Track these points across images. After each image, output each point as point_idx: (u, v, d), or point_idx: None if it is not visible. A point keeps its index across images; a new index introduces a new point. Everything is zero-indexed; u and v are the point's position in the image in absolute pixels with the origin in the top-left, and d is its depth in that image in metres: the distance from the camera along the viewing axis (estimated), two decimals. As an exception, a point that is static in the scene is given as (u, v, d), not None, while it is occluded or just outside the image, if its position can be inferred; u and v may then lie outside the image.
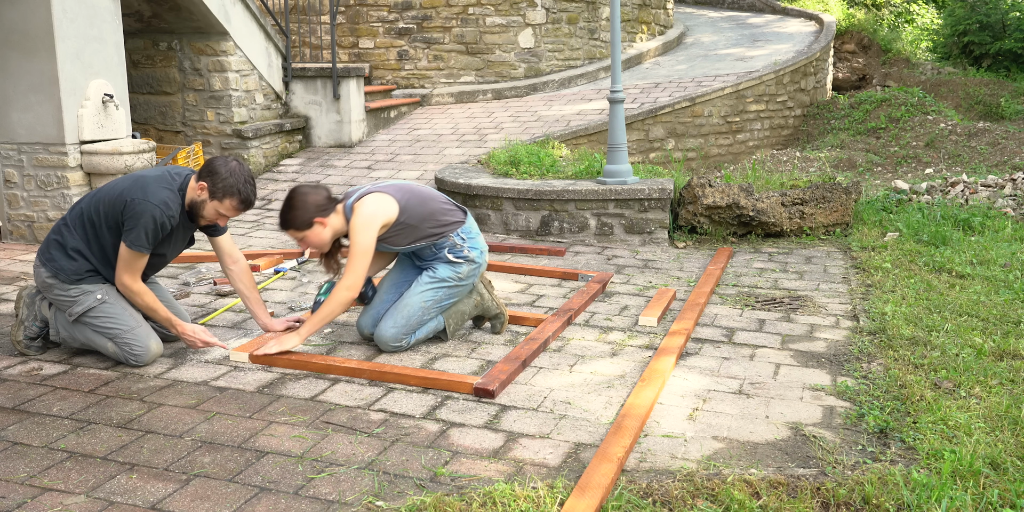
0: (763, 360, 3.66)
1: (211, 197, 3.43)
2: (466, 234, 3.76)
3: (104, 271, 3.53)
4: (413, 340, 3.70)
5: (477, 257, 3.77)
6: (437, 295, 3.71)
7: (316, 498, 2.49)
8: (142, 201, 3.34)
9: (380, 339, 3.67)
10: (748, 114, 10.13)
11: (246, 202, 3.45)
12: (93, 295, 3.48)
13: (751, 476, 2.58)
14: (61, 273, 3.46)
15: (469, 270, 3.76)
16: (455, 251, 3.72)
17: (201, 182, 3.43)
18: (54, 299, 3.52)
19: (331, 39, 8.81)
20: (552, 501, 2.42)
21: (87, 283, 3.49)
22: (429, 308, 3.69)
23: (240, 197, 3.42)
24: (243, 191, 3.42)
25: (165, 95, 7.95)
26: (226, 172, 3.40)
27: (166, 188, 3.41)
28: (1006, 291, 4.52)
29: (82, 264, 3.48)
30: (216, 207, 3.45)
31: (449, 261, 3.72)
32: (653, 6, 12.32)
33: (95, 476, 2.61)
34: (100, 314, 3.47)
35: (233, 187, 3.40)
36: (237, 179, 3.40)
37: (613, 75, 6.21)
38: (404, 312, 3.65)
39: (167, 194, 3.40)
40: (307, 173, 7.91)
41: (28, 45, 5.55)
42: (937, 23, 17.30)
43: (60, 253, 3.48)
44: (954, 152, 9.97)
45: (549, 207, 6.06)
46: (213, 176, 3.40)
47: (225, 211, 3.46)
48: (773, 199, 5.96)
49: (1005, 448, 2.73)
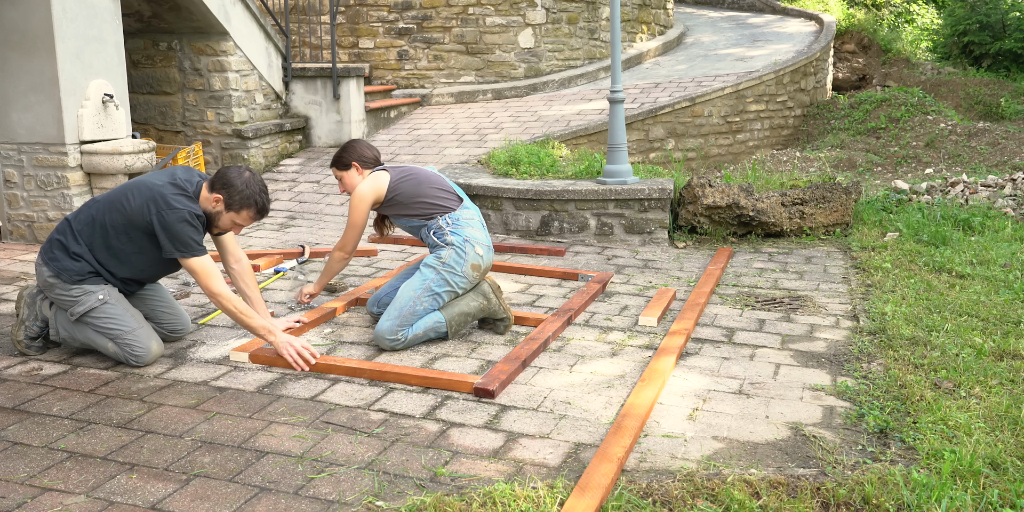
0: (763, 360, 3.66)
1: (227, 209, 3.48)
2: (452, 220, 3.92)
3: (106, 274, 3.53)
4: (410, 335, 3.71)
5: (459, 242, 3.83)
6: (425, 281, 3.78)
7: (316, 498, 2.49)
8: (168, 211, 3.37)
9: (378, 335, 3.70)
10: (748, 114, 10.13)
11: (262, 212, 3.54)
12: (95, 295, 3.48)
13: (751, 476, 2.58)
14: (63, 273, 3.47)
15: (451, 256, 3.81)
16: (438, 233, 3.89)
17: (216, 194, 3.47)
18: (56, 298, 3.52)
19: (331, 39, 8.81)
20: (552, 501, 2.42)
21: (89, 283, 3.49)
22: (419, 297, 3.74)
23: (257, 207, 3.51)
24: (259, 201, 3.50)
25: (165, 95, 7.95)
26: (241, 184, 3.45)
27: (183, 195, 3.45)
28: (1006, 291, 4.52)
29: (84, 266, 3.49)
30: (232, 218, 3.52)
31: (434, 244, 3.90)
32: (653, 6, 12.32)
33: (95, 476, 2.61)
34: (102, 314, 3.48)
35: (249, 198, 3.47)
36: (253, 190, 3.47)
37: (613, 75, 6.21)
38: (396, 304, 3.74)
39: (187, 201, 3.44)
40: (307, 173, 7.91)
41: (28, 45, 5.55)
42: (937, 23, 17.30)
43: (63, 254, 3.49)
44: (954, 152, 9.97)
45: (549, 207, 6.06)
46: (229, 188, 3.45)
47: (241, 221, 3.54)
48: (773, 199, 5.96)
49: (1005, 448, 2.73)
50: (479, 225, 3.97)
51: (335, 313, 4.23)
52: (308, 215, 6.87)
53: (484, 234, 3.95)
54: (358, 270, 5.21)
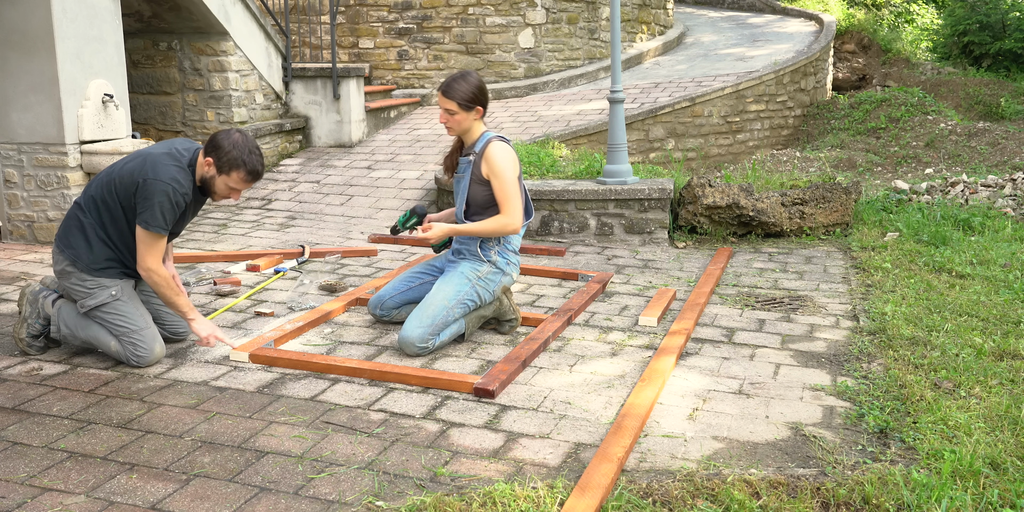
0: (763, 360, 3.66)
1: (218, 172, 3.41)
2: (505, 240, 3.88)
3: (125, 259, 3.53)
4: (438, 342, 3.68)
5: (501, 264, 3.86)
6: (459, 294, 3.73)
7: (316, 498, 2.49)
8: (154, 180, 3.32)
9: (406, 341, 3.61)
10: (748, 114, 10.13)
11: (253, 173, 3.42)
12: (108, 291, 3.48)
13: (751, 476, 2.58)
14: (80, 261, 3.46)
15: (489, 274, 3.82)
16: (485, 248, 3.83)
17: (208, 158, 3.41)
18: (69, 288, 3.51)
19: (331, 39, 8.80)
20: (552, 501, 2.42)
21: (106, 276, 3.49)
22: (453, 307, 3.70)
23: (246, 168, 3.40)
24: (248, 162, 3.39)
25: (165, 95, 7.95)
26: (229, 145, 3.37)
27: (175, 165, 3.40)
28: (1006, 291, 4.52)
29: (102, 252, 3.48)
30: (225, 181, 3.43)
31: (476, 256, 3.83)
32: (653, 6, 12.32)
33: (95, 476, 2.61)
34: (112, 310, 3.48)
35: (238, 159, 3.37)
36: (241, 151, 3.37)
37: (613, 75, 6.21)
38: (429, 312, 3.64)
39: (177, 171, 3.38)
40: (307, 173, 7.91)
41: (28, 45, 5.55)
42: (937, 23, 17.30)
43: (80, 239, 3.48)
44: (954, 152, 9.97)
45: (549, 207, 6.06)
46: (217, 150, 3.38)
47: (234, 184, 3.44)
48: (773, 199, 5.96)
49: (1005, 448, 2.73)
50: (518, 249, 4.00)
51: (335, 313, 4.23)
52: (308, 215, 6.87)
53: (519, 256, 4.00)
54: (358, 270, 5.21)
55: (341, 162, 8.13)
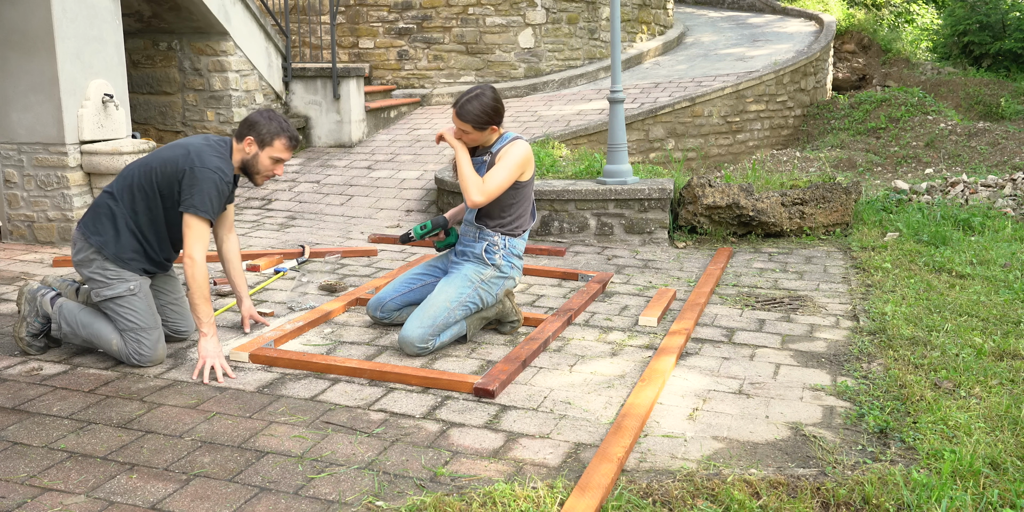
0: (763, 360, 3.66)
1: (261, 146, 3.57)
2: (510, 244, 3.87)
3: (150, 252, 3.56)
4: (438, 343, 3.68)
5: (505, 268, 3.85)
6: (462, 295, 3.72)
7: (316, 498, 2.49)
8: (201, 168, 3.44)
9: (406, 341, 3.61)
10: (748, 114, 10.13)
11: (293, 138, 3.63)
12: (127, 284, 3.50)
13: (751, 476, 2.58)
14: (106, 248, 3.49)
15: (493, 277, 3.82)
16: (490, 250, 3.83)
17: (247, 138, 3.57)
18: (89, 276, 3.52)
19: (331, 39, 8.81)
20: (552, 501, 2.42)
21: (128, 269, 3.51)
22: (454, 309, 3.69)
23: (287, 134, 3.61)
24: (287, 128, 3.62)
25: (165, 95, 7.95)
26: (264, 119, 3.58)
27: (217, 155, 3.52)
28: (1006, 291, 4.52)
29: (128, 242, 3.51)
30: (269, 154, 3.59)
31: (480, 259, 3.82)
32: (653, 6, 12.32)
33: (95, 476, 2.61)
34: (126, 305, 3.49)
35: (277, 128, 3.59)
36: (277, 121, 3.61)
37: (613, 75, 6.21)
38: (430, 312, 3.64)
39: (220, 161, 3.51)
40: (307, 173, 7.91)
41: (28, 45, 5.55)
42: (937, 23, 17.30)
43: (109, 227, 3.51)
44: (954, 152, 9.97)
45: (549, 207, 6.06)
46: (255, 126, 3.57)
47: (278, 153, 3.60)
48: (773, 199, 5.96)
49: (1005, 448, 2.73)
50: (522, 255, 3.99)
51: (335, 313, 4.23)
52: (308, 215, 6.87)
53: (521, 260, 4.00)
54: (358, 270, 5.21)
55: (341, 162, 8.14)
